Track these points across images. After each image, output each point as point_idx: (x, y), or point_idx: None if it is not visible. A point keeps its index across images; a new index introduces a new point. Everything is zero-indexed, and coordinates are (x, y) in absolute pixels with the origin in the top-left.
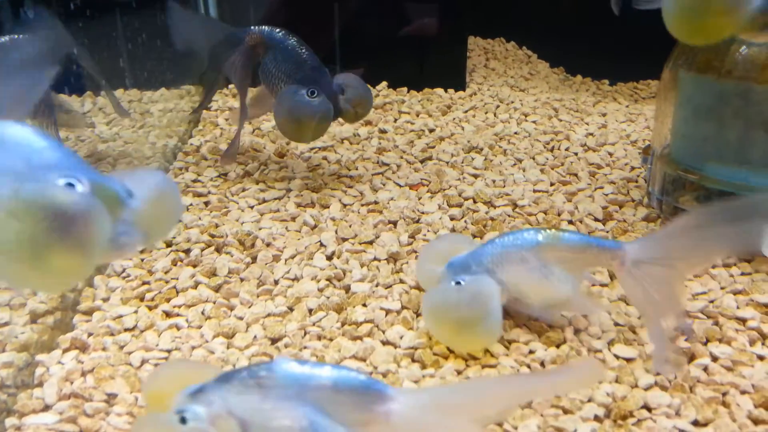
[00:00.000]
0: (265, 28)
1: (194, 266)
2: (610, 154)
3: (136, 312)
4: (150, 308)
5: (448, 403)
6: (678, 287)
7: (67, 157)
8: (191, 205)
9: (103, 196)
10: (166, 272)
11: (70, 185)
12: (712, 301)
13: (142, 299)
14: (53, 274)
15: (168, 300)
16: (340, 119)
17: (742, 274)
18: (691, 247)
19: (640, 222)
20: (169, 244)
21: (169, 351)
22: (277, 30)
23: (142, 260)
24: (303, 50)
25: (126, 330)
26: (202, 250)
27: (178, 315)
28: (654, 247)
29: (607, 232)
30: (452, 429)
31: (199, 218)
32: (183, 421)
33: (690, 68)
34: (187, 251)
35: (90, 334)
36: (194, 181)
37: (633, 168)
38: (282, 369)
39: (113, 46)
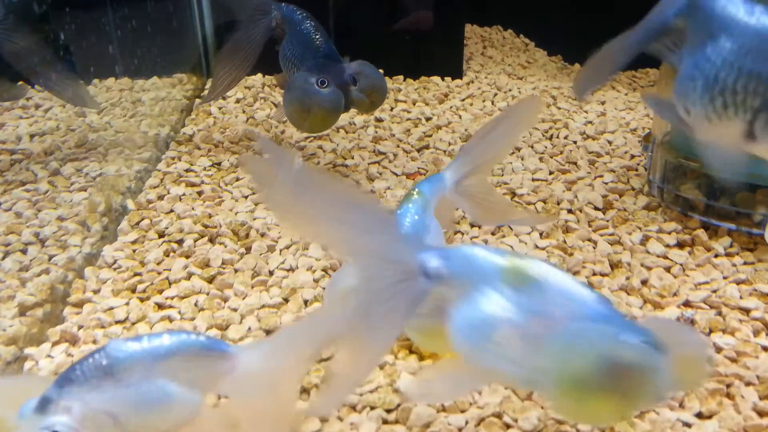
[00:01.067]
0: (288, 6)
1: (187, 257)
2: (610, 143)
3: (127, 304)
4: (142, 300)
5: (289, 348)
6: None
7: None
8: (184, 194)
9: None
10: (158, 263)
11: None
12: (714, 291)
13: (133, 291)
14: (595, 416)
15: (160, 291)
16: (355, 110)
17: (745, 263)
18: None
19: (640, 210)
20: (161, 235)
21: None
22: (298, 11)
23: (134, 251)
24: (318, 36)
25: (117, 322)
26: (195, 240)
27: (170, 307)
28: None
29: (608, 221)
30: (295, 371)
31: (192, 208)
32: None
33: None
34: (180, 242)
35: (80, 327)
36: (187, 170)
37: (633, 156)
38: (122, 351)
39: (103, 34)
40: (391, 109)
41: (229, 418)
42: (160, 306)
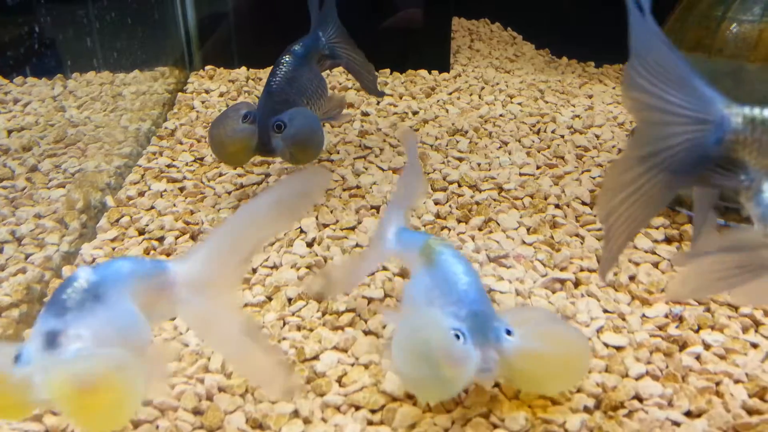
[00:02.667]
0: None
1: (168, 255)
2: (597, 137)
3: None
4: None
5: (222, 251)
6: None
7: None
8: (165, 191)
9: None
10: None
11: (456, 336)
12: None
13: None
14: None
15: None
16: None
17: None
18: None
19: None
20: (141, 232)
21: None
22: (289, 49)
23: (113, 249)
24: (278, 72)
25: None
26: (177, 237)
27: None
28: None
29: (595, 216)
30: (230, 274)
31: (174, 205)
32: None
33: (680, 47)
34: (161, 239)
35: None
36: (168, 166)
37: (620, 150)
38: (96, 275)
39: (83, 26)
40: (378, 103)
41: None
42: None
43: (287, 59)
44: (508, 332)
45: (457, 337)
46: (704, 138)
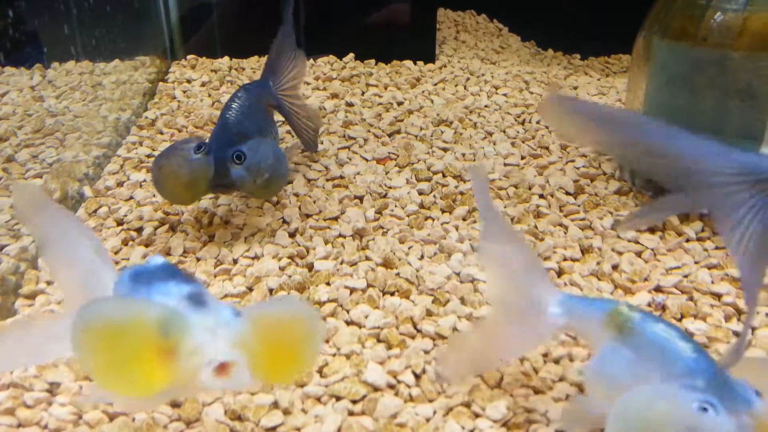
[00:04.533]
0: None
1: (147, 245)
2: None
3: None
4: None
5: None
6: None
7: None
8: (145, 181)
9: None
10: (115, 252)
11: (704, 409)
12: (686, 276)
13: None
14: None
15: None
16: (241, 192)
17: (717, 248)
18: None
19: (612, 195)
20: (119, 223)
21: None
22: (242, 86)
23: None
24: (233, 105)
25: None
26: (156, 228)
27: None
28: None
29: (579, 205)
30: None
31: (153, 195)
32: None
33: (664, 35)
34: (139, 230)
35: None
36: (148, 156)
37: None
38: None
39: (62, 14)
40: (362, 93)
41: None
42: None
43: (242, 94)
44: (757, 393)
45: (705, 410)
46: None
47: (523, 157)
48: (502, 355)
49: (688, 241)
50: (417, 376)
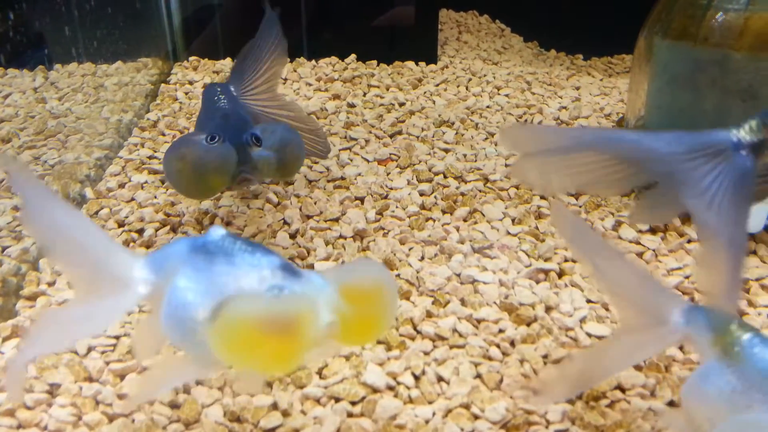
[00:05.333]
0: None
1: (148, 247)
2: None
3: None
4: None
5: None
6: None
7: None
8: (146, 182)
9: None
10: None
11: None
12: (687, 277)
13: None
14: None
15: None
16: (263, 177)
17: None
18: None
19: (613, 196)
20: (120, 224)
21: (117, 337)
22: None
23: None
24: (221, 99)
25: None
26: (157, 230)
27: None
28: None
29: (580, 206)
30: None
31: (155, 197)
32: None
33: (666, 35)
34: (140, 231)
35: (33, 321)
36: (150, 157)
37: None
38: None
39: (65, 16)
40: (364, 94)
41: None
42: None
43: (219, 87)
44: None
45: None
46: None
47: None
48: (616, 367)
49: (689, 242)
50: (416, 378)
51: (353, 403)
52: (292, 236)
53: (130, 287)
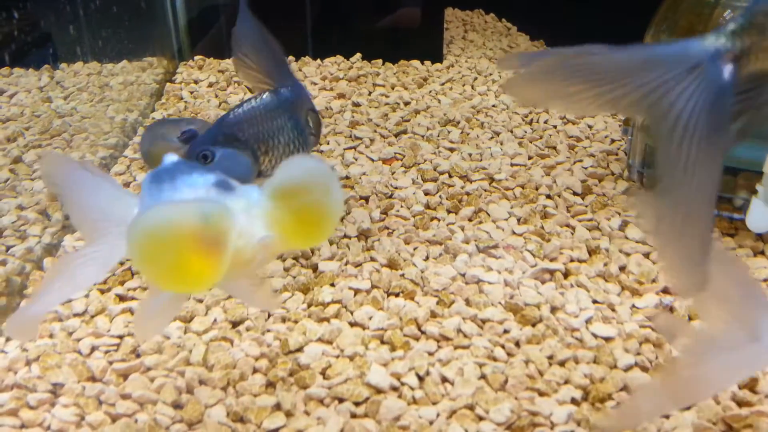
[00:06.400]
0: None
1: None
2: (590, 127)
3: (87, 296)
4: (102, 292)
5: None
6: None
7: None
8: None
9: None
10: None
11: None
12: None
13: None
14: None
15: (122, 283)
16: None
17: (726, 249)
18: None
19: (620, 196)
20: None
21: (121, 337)
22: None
23: None
24: (245, 105)
25: (75, 315)
26: None
27: (132, 299)
28: None
29: (586, 206)
30: None
31: None
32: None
33: (672, 33)
34: None
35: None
36: None
37: (613, 140)
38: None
39: (71, 15)
40: (369, 93)
41: None
42: (121, 298)
43: (266, 96)
44: None
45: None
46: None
47: (530, 157)
48: (709, 385)
49: None
50: (421, 378)
51: (357, 404)
52: None
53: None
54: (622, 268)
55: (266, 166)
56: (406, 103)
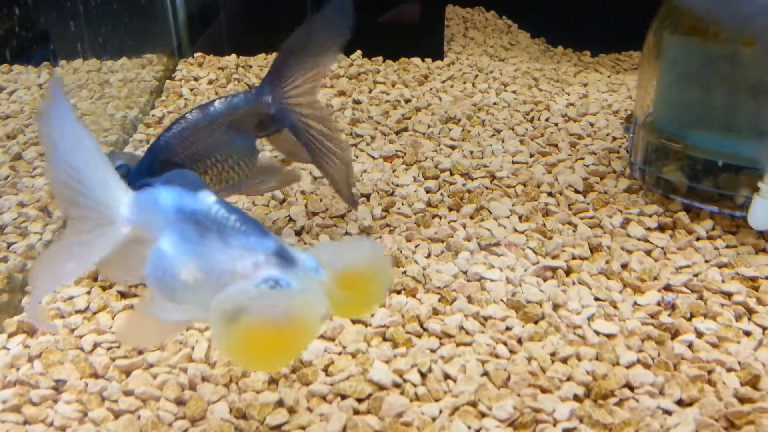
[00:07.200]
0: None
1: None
2: (592, 125)
3: (88, 293)
4: (104, 288)
5: None
6: None
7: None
8: None
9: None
10: None
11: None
12: (696, 275)
13: (95, 279)
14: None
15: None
16: None
17: (728, 246)
18: None
19: (621, 193)
20: None
21: None
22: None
23: None
24: (174, 126)
25: (77, 312)
26: None
27: (134, 295)
28: None
29: (588, 204)
30: None
31: None
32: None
33: (675, 31)
34: None
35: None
36: None
37: (615, 138)
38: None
39: (70, 12)
40: (370, 91)
41: None
42: (123, 295)
43: (194, 114)
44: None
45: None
46: None
47: (531, 155)
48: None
49: (698, 239)
50: (423, 375)
51: (359, 401)
52: (298, 233)
53: (115, 224)
54: (624, 266)
55: (208, 185)
56: (407, 101)
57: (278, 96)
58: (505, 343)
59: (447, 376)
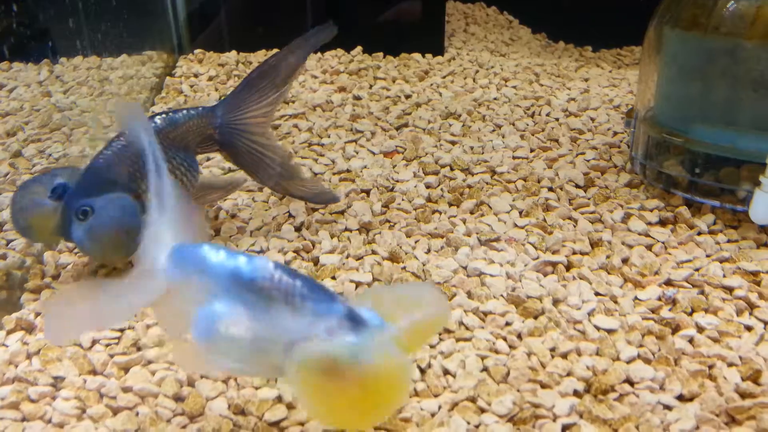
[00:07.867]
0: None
1: None
2: (592, 119)
3: None
4: None
5: None
6: None
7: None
8: None
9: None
10: None
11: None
12: (697, 269)
13: (95, 276)
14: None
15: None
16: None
17: (729, 241)
18: None
19: (622, 188)
20: None
21: (122, 330)
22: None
23: None
24: (113, 144)
25: None
26: None
27: None
28: None
29: (589, 198)
30: None
31: None
32: None
33: (676, 25)
34: None
35: (38, 314)
36: None
37: (616, 133)
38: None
39: (70, 9)
40: (370, 86)
41: None
42: None
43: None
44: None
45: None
46: None
47: (532, 150)
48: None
49: (699, 234)
50: (422, 371)
51: None
52: (297, 229)
53: (158, 278)
54: (625, 261)
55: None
56: (408, 96)
57: (228, 120)
58: (504, 339)
59: (446, 372)
